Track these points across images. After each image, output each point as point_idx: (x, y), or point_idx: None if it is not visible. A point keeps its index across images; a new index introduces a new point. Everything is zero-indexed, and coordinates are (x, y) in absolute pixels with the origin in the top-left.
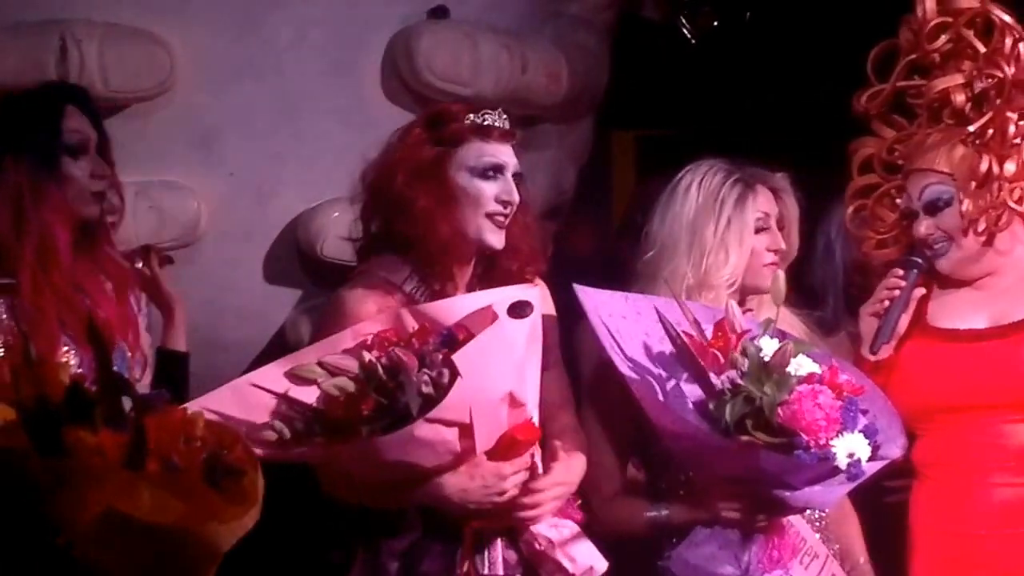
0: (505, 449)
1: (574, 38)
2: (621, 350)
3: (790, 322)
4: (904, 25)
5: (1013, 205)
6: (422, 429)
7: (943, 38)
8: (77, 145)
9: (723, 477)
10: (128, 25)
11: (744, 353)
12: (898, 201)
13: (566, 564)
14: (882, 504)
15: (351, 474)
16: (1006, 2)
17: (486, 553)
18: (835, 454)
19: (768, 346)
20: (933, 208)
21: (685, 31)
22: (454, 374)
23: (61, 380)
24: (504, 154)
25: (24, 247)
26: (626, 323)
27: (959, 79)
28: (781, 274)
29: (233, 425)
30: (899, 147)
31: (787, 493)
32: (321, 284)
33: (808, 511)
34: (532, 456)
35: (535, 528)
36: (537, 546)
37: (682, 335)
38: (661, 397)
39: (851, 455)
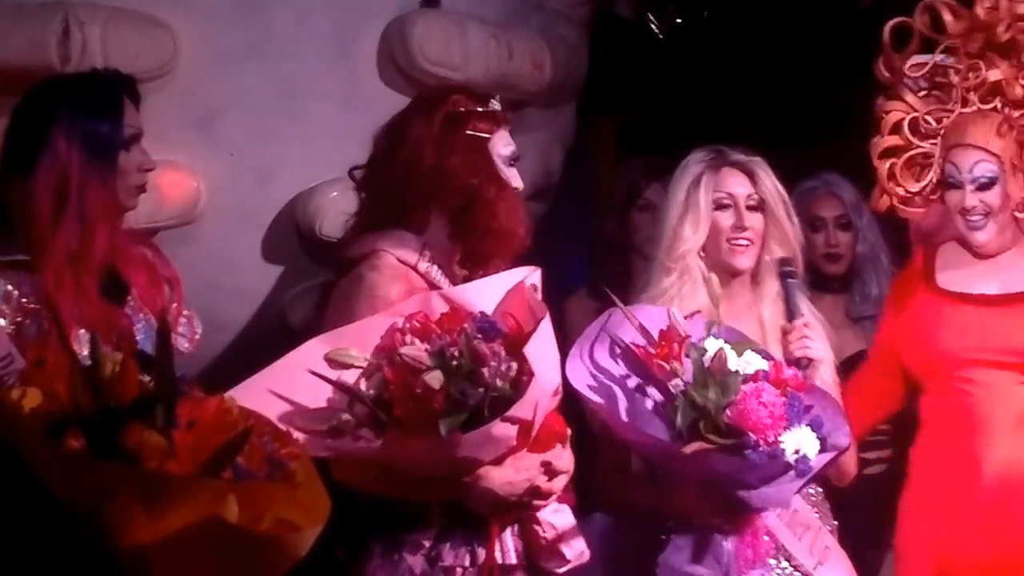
0: (544, 440)
1: (556, 30)
2: (591, 358)
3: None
4: (926, 11)
5: None
6: (498, 428)
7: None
8: (130, 139)
9: (688, 480)
10: (130, 8)
11: (688, 356)
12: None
13: (564, 550)
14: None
15: (395, 466)
16: None
17: (498, 543)
18: (784, 450)
19: (712, 347)
20: (981, 184)
21: (653, 27)
22: (522, 368)
23: (133, 375)
24: (513, 142)
25: (58, 238)
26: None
27: (1012, 72)
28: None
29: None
30: (932, 117)
31: (745, 493)
32: (319, 263)
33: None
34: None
35: (540, 514)
36: (541, 532)
37: (631, 346)
38: (622, 407)
39: (797, 451)
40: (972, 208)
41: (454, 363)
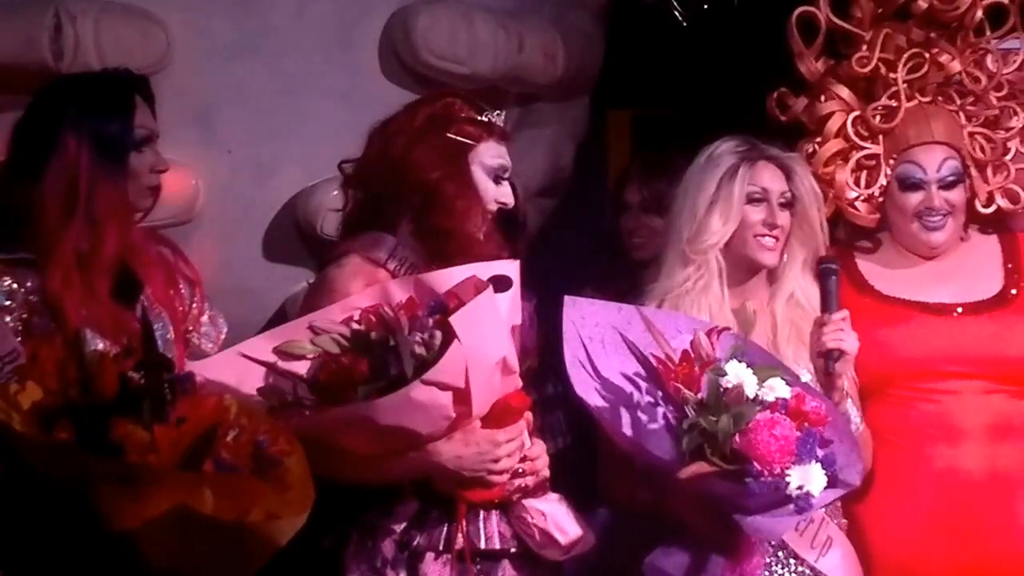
0: (499, 416)
1: (570, 18)
2: (592, 366)
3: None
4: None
5: (1012, 186)
6: (419, 392)
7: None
8: (142, 139)
9: (687, 493)
10: (123, 2)
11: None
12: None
13: (557, 536)
14: None
15: (344, 446)
16: None
17: (481, 527)
18: (788, 483)
19: (733, 371)
20: (947, 183)
21: (676, 14)
22: (446, 336)
23: (112, 372)
24: (507, 157)
25: (67, 238)
26: (609, 333)
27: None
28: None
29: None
30: (877, 114)
31: (740, 517)
32: (320, 262)
33: None
34: (526, 425)
35: (527, 501)
36: (530, 519)
37: (650, 357)
38: (625, 416)
39: (801, 487)
40: (937, 208)
41: (373, 334)
